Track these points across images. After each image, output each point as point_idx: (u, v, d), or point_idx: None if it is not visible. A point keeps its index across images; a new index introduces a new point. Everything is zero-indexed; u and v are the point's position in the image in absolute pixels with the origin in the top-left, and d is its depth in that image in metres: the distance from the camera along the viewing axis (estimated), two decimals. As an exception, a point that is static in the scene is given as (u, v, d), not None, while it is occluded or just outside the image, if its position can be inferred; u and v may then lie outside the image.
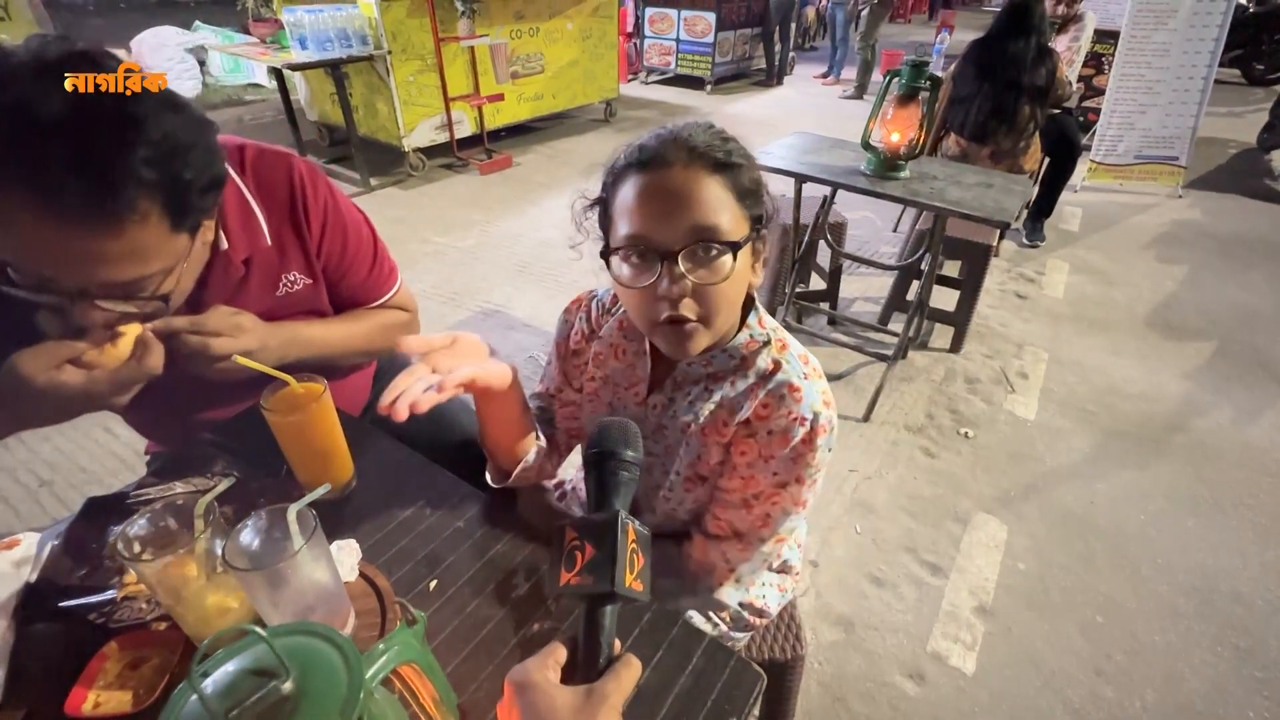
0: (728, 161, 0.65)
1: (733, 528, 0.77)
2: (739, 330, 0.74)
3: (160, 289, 0.68)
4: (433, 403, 0.63)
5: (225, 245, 0.81)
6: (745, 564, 0.79)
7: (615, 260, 0.67)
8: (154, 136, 0.60)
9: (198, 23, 6.28)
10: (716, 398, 0.75)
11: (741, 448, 0.74)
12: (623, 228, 0.66)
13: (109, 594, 0.68)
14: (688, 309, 0.65)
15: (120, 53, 0.71)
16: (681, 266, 0.63)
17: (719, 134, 0.68)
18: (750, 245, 0.68)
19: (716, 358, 0.75)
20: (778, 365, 0.73)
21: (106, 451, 1.97)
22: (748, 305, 0.75)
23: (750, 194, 0.67)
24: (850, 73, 6.82)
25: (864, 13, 6.22)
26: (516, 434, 0.82)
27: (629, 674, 0.47)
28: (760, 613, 0.90)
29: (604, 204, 0.71)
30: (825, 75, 7.22)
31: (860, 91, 6.53)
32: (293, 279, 0.90)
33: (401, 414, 0.61)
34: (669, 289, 0.63)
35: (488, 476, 0.87)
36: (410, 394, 0.62)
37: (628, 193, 0.65)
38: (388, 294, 1.04)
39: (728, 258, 0.63)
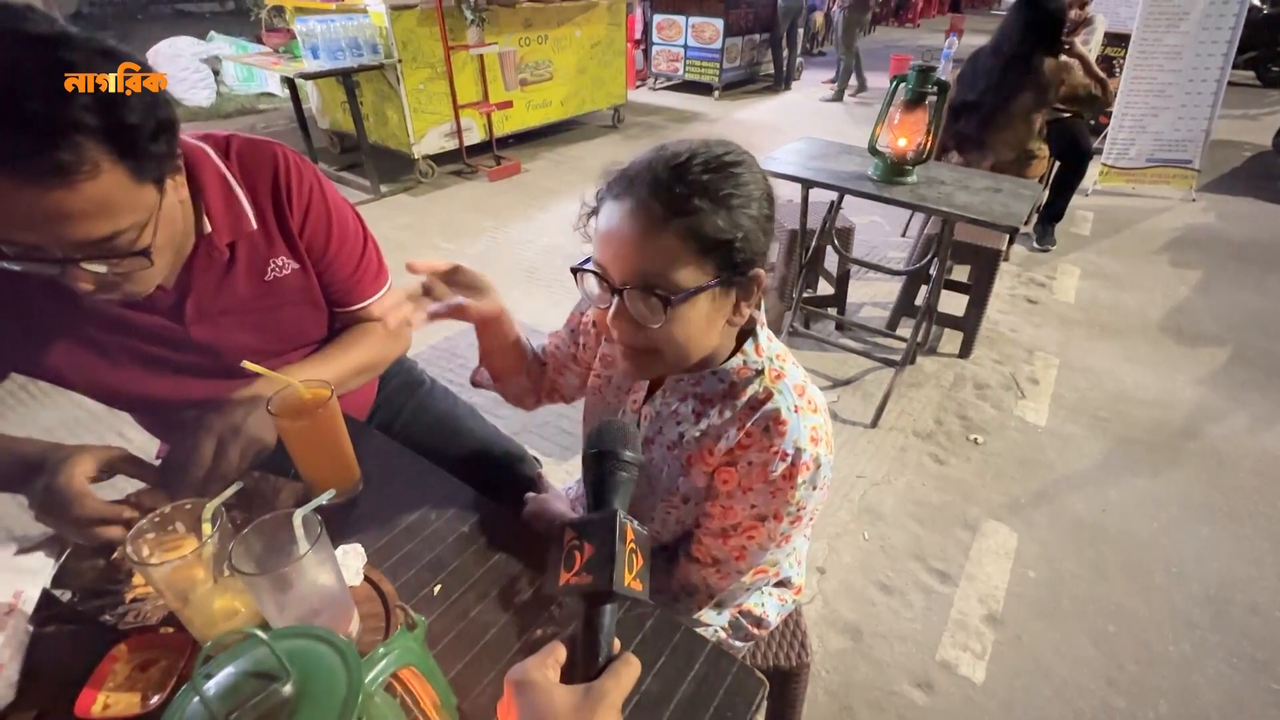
0: (689, 208, 0.60)
1: (711, 555, 0.76)
2: (734, 354, 0.73)
3: (138, 243, 0.68)
4: (422, 321, 0.72)
5: (209, 229, 0.82)
6: (724, 592, 0.78)
7: (585, 275, 0.69)
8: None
9: (212, 33, 6.40)
10: (703, 425, 0.73)
11: (723, 475, 0.72)
12: (594, 249, 0.67)
13: (119, 596, 0.69)
14: (634, 339, 0.66)
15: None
16: (625, 302, 0.64)
17: (710, 164, 0.63)
18: (722, 288, 0.65)
19: (705, 379, 0.74)
20: (769, 395, 0.70)
21: (120, 455, 1.99)
22: (748, 331, 0.74)
23: (720, 243, 0.62)
24: (830, 72, 6.86)
25: (838, 18, 6.26)
26: (509, 361, 0.91)
27: (628, 673, 0.47)
28: (759, 622, 0.90)
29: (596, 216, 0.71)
30: (833, 80, 7.22)
31: (849, 94, 6.61)
32: (281, 264, 0.90)
33: (391, 324, 0.69)
34: (612, 321, 0.65)
35: (472, 375, 0.99)
36: (403, 311, 0.71)
37: (602, 216, 0.67)
38: (375, 295, 1.02)
39: (672, 308, 0.62)
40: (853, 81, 6.79)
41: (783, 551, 0.76)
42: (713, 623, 0.84)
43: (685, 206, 0.61)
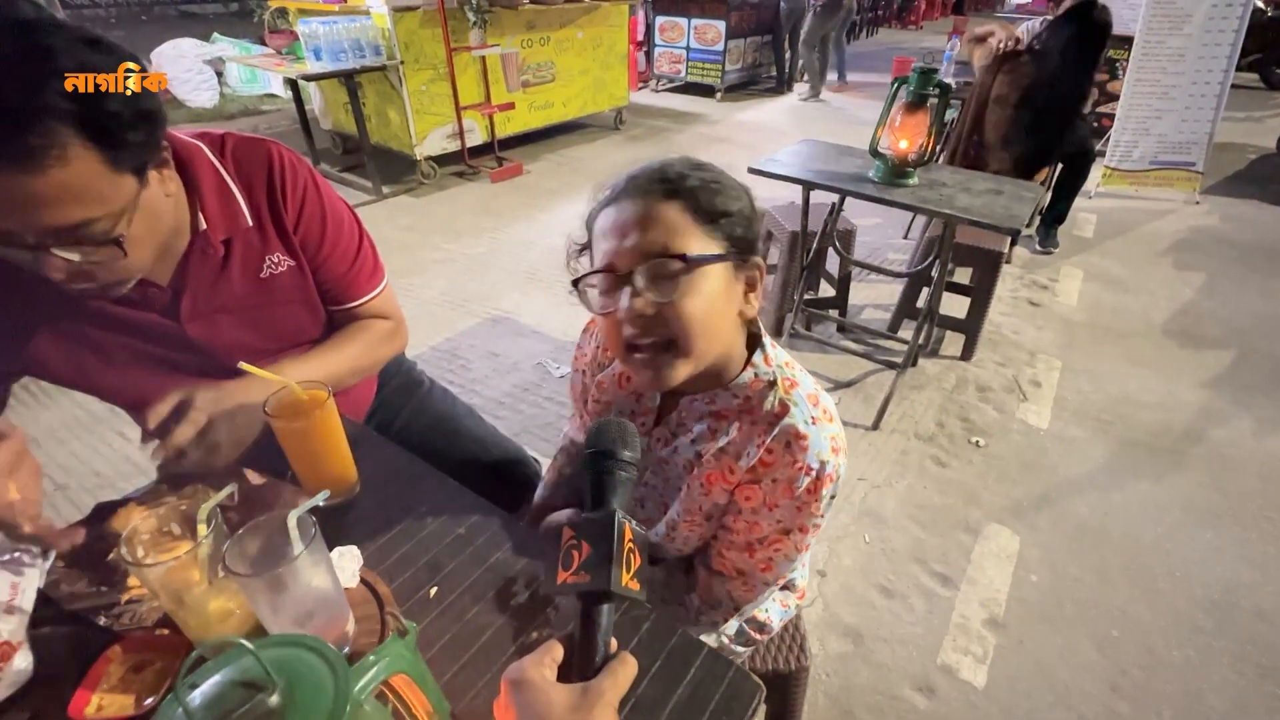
0: (683, 186, 0.65)
1: (736, 568, 0.76)
2: (745, 368, 0.73)
3: (112, 233, 0.67)
4: None
5: (204, 226, 0.82)
6: (749, 604, 0.79)
7: (586, 289, 0.68)
8: (66, 67, 0.59)
9: (216, 34, 6.42)
10: (721, 443, 0.73)
11: (746, 493, 0.72)
12: (595, 260, 0.68)
13: (114, 597, 0.68)
14: (651, 331, 0.64)
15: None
16: (638, 284, 0.63)
17: (690, 164, 0.69)
18: (733, 270, 0.67)
19: (720, 396, 0.73)
20: (785, 409, 0.70)
21: (120, 456, 2.00)
22: (754, 342, 0.74)
23: (720, 215, 0.66)
24: (855, 77, 6.84)
25: (807, 17, 6.26)
26: None
27: (625, 672, 0.47)
28: (762, 627, 0.89)
29: (589, 247, 0.72)
30: (835, 81, 7.23)
31: (802, 96, 6.69)
32: (276, 260, 0.90)
33: None
34: (627, 309, 0.63)
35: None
36: None
37: (599, 226, 0.68)
38: (370, 294, 1.01)
39: (683, 273, 0.63)
40: (857, 80, 6.81)
41: (801, 559, 0.76)
42: (729, 632, 0.83)
43: (683, 186, 0.65)
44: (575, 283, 0.69)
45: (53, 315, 0.81)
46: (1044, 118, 2.68)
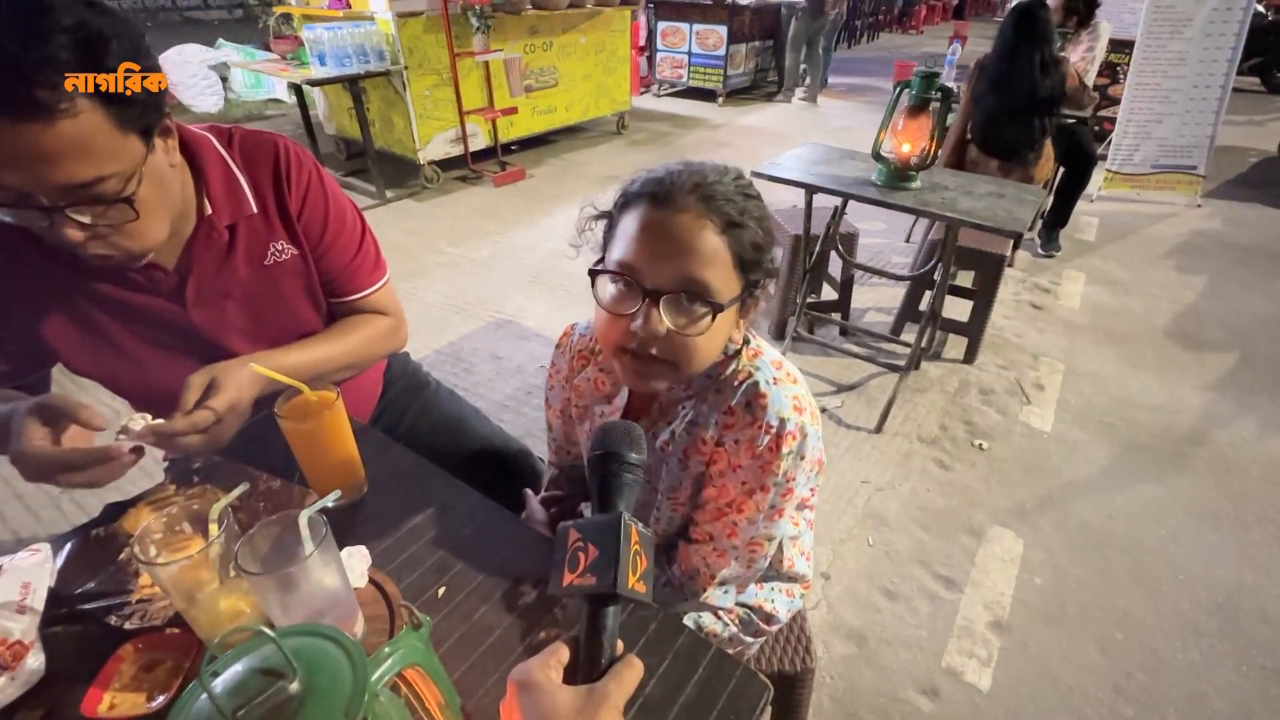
0: (738, 221, 0.65)
1: (708, 534, 0.78)
2: None
3: (124, 192, 0.69)
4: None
5: (209, 211, 0.84)
6: (725, 570, 0.79)
7: (603, 280, 0.68)
8: (67, 24, 0.61)
9: (221, 40, 6.46)
10: (689, 415, 0.75)
11: (714, 456, 0.74)
12: (618, 251, 0.67)
13: (125, 597, 0.69)
14: (656, 350, 0.66)
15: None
16: (662, 310, 0.63)
17: (742, 188, 0.67)
18: (740, 303, 0.69)
19: (696, 380, 0.76)
20: (748, 374, 0.73)
21: (126, 458, 2.00)
22: None
23: (752, 257, 0.67)
24: (857, 81, 6.87)
25: (790, 23, 6.32)
26: None
27: (631, 674, 0.47)
28: (769, 618, 0.90)
29: (611, 220, 0.71)
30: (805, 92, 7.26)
31: (798, 96, 6.73)
32: (280, 248, 0.91)
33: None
34: (643, 327, 0.64)
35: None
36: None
37: (633, 220, 0.66)
38: (371, 288, 1.03)
39: (709, 316, 0.64)
40: (853, 81, 6.83)
41: (777, 527, 0.77)
42: (721, 604, 0.84)
43: (737, 220, 0.65)
44: (593, 272, 0.68)
45: (66, 302, 0.82)
46: (1015, 96, 2.71)
